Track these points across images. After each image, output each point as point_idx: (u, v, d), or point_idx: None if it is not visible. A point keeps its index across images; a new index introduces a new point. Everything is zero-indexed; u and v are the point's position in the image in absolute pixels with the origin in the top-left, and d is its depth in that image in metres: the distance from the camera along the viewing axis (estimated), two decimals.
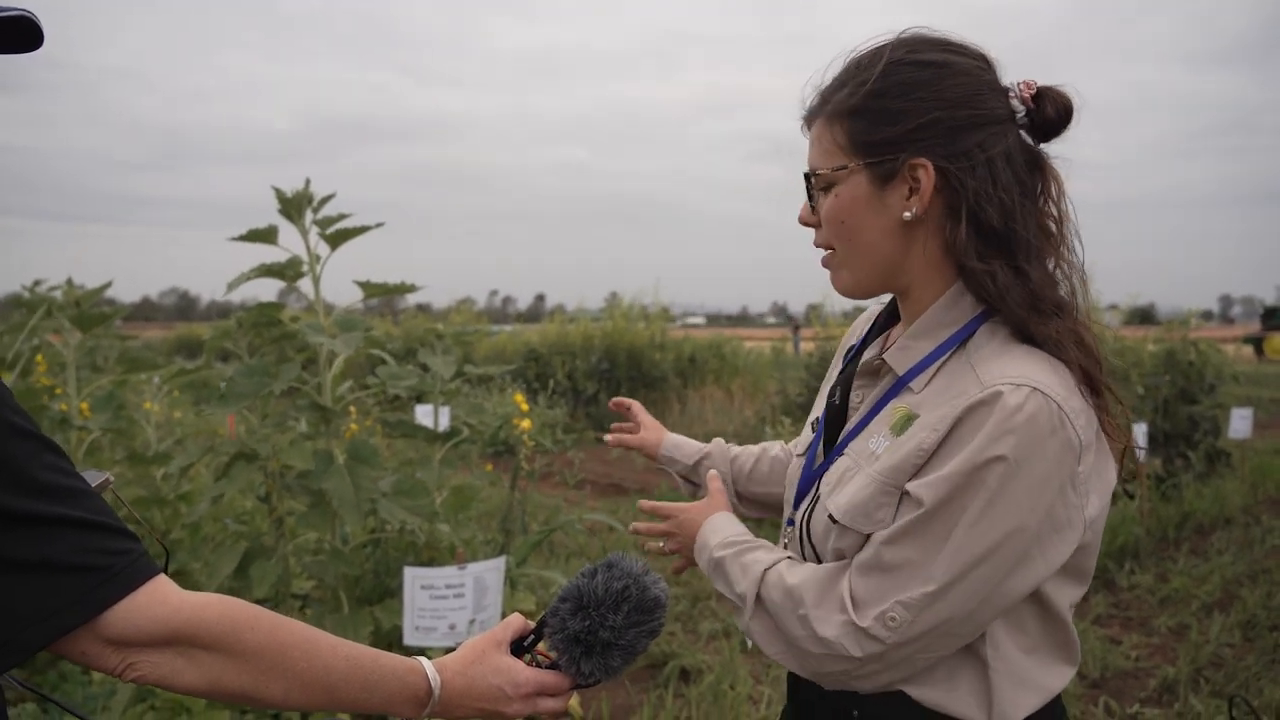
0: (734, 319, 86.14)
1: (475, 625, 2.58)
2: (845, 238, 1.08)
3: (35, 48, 0.87)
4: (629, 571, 1.01)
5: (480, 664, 0.99)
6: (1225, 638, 4.07)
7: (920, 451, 0.99)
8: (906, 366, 1.07)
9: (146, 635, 0.83)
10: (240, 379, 2.75)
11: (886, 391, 1.09)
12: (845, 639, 0.99)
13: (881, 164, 1.03)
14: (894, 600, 0.97)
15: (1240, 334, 25.10)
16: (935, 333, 1.06)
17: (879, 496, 1.01)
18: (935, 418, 0.99)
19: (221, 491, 2.85)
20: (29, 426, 0.80)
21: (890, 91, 1.03)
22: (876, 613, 0.97)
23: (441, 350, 3.37)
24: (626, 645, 0.99)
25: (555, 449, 9.19)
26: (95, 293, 3.70)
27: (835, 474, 1.11)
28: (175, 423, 6.60)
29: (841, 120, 1.05)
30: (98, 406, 3.56)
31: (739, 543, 1.17)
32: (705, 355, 13.07)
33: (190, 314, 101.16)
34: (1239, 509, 6.27)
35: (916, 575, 0.96)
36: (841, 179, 1.06)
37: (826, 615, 1.01)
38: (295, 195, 2.84)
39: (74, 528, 0.79)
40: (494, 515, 5.34)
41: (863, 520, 1.02)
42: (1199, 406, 7.20)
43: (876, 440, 1.06)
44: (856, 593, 1.00)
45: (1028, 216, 1.03)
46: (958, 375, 1.02)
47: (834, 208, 1.07)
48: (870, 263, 1.08)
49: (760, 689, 3.55)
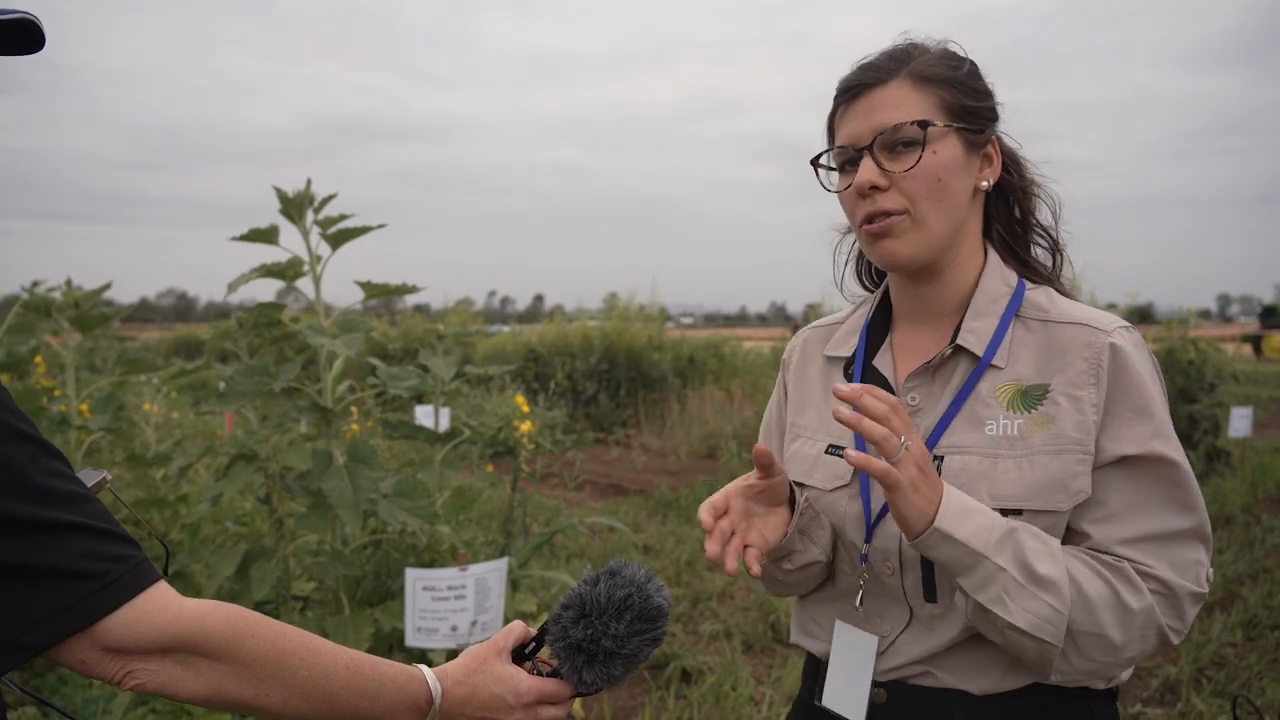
0: (732, 319, 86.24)
1: (477, 627, 2.57)
2: (936, 196, 1.07)
3: (37, 49, 0.87)
4: (632, 579, 1.00)
5: (482, 672, 0.99)
6: (1227, 637, 4.07)
7: (1094, 407, 1.03)
8: (983, 346, 1.10)
9: (146, 643, 0.82)
10: (240, 378, 2.74)
11: (968, 378, 1.09)
12: (1172, 618, 1.01)
13: (976, 132, 1.10)
14: (1203, 557, 1.03)
15: (1239, 333, 25.12)
16: (991, 307, 1.12)
17: (1073, 465, 1.02)
18: (1077, 374, 1.05)
19: (221, 492, 2.84)
20: (29, 430, 0.79)
21: (971, 74, 1.12)
22: (1197, 576, 1.02)
23: (442, 351, 3.36)
24: (629, 654, 0.98)
25: (555, 450, 9.19)
26: (94, 294, 3.69)
27: (962, 474, 1.04)
28: (174, 424, 6.60)
29: (936, 85, 1.09)
30: (97, 408, 3.55)
31: (1001, 522, 0.99)
32: (704, 355, 13.06)
33: (189, 315, 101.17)
34: (1239, 508, 6.27)
35: (1191, 526, 1.03)
36: (938, 137, 1.07)
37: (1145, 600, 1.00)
38: (297, 195, 2.83)
39: (74, 533, 0.78)
40: (495, 516, 5.33)
41: (1060, 496, 1.02)
42: (1198, 405, 7.20)
43: (999, 425, 1.05)
44: (1165, 568, 1.01)
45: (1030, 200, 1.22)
46: (1051, 334, 1.08)
47: (931, 164, 1.06)
48: (950, 225, 1.10)
49: (762, 690, 3.54)
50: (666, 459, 9.62)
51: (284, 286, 3.06)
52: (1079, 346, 1.05)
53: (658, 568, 5.23)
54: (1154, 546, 1.01)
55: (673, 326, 16.30)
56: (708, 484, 7.66)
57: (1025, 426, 1.04)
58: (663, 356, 12.30)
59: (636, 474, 8.63)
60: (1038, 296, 1.13)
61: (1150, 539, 1.02)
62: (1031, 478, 1.02)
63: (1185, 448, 6.26)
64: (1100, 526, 1.03)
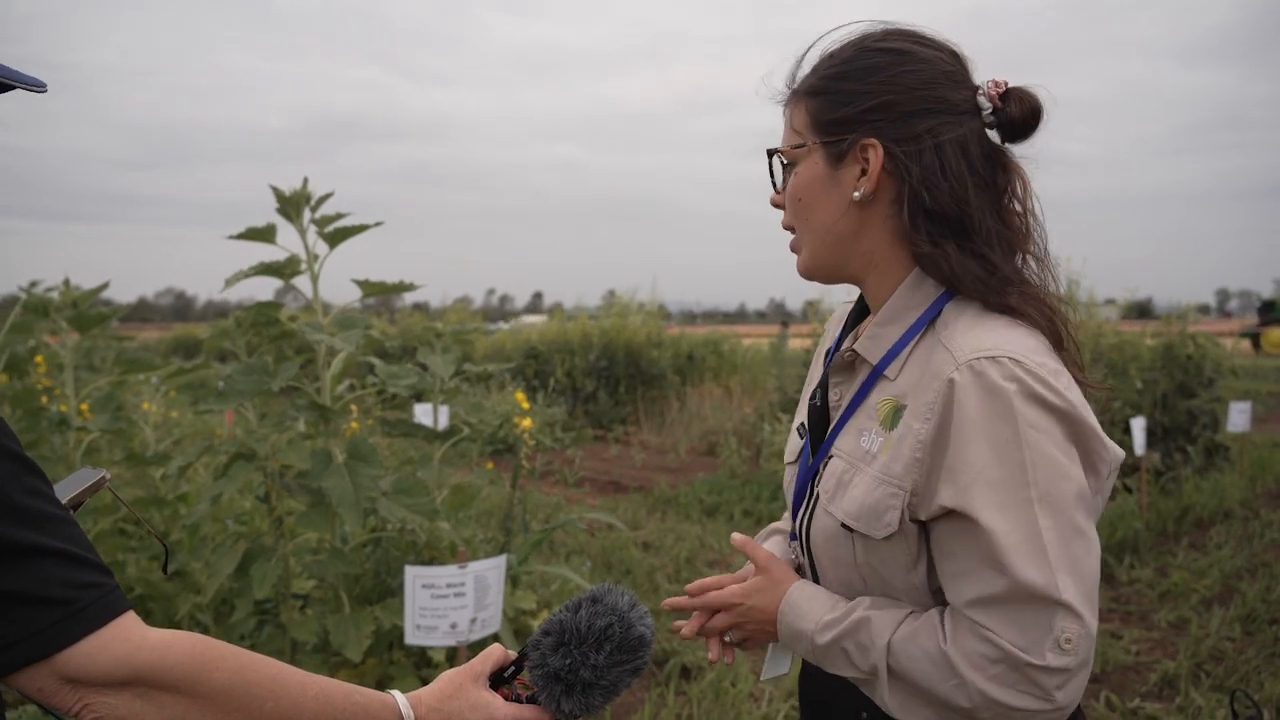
0: (731, 316, 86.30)
1: (476, 624, 2.58)
2: (802, 216, 1.11)
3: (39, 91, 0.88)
4: (614, 608, 0.98)
5: (457, 699, 0.96)
6: (1225, 631, 4.08)
7: (919, 444, 0.97)
8: (879, 354, 1.07)
9: (105, 675, 0.79)
10: (239, 377, 2.74)
11: (863, 383, 1.09)
12: (1026, 687, 0.92)
13: (836, 143, 1.06)
14: (1056, 622, 0.91)
15: (1238, 328, 25.13)
16: (903, 316, 1.06)
17: (886, 499, 1.00)
18: (922, 404, 0.99)
19: (220, 491, 2.84)
20: (13, 447, 0.77)
21: (850, 74, 1.06)
22: (1049, 644, 0.92)
23: (441, 349, 3.37)
24: (608, 685, 0.97)
25: (555, 447, 9.20)
26: (92, 293, 3.69)
27: (832, 478, 1.09)
28: (173, 423, 6.60)
29: (805, 101, 1.09)
30: (96, 407, 3.55)
31: (839, 621, 1.05)
32: (703, 352, 13.06)
33: (187, 314, 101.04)
34: (1238, 503, 6.28)
35: (1042, 586, 0.91)
36: (800, 157, 1.09)
37: (987, 675, 0.94)
38: (294, 194, 2.83)
39: (47, 557, 0.76)
40: (494, 514, 5.33)
41: (874, 524, 1.01)
42: (1197, 400, 7.21)
43: (869, 438, 1.05)
44: (1008, 635, 0.93)
45: (983, 204, 1.04)
46: (932, 355, 1.01)
47: (793, 186, 1.10)
48: (823, 242, 1.10)
49: (761, 686, 3.55)
50: (666, 456, 9.63)
51: (282, 285, 3.06)
52: (934, 374, 0.99)
53: (657, 565, 5.23)
54: (995, 610, 0.94)
55: (672, 324, 16.31)
56: (707, 481, 7.67)
57: (883, 445, 1.02)
58: (662, 354, 12.31)
59: (636, 471, 8.64)
60: (953, 311, 1.04)
61: (987, 602, 0.94)
62: (863, 499, 1.02)
63: (1184, 443, 6.15)
64: (949, 585, 0.99)
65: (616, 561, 5.17)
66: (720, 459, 8.55)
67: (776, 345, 14.31)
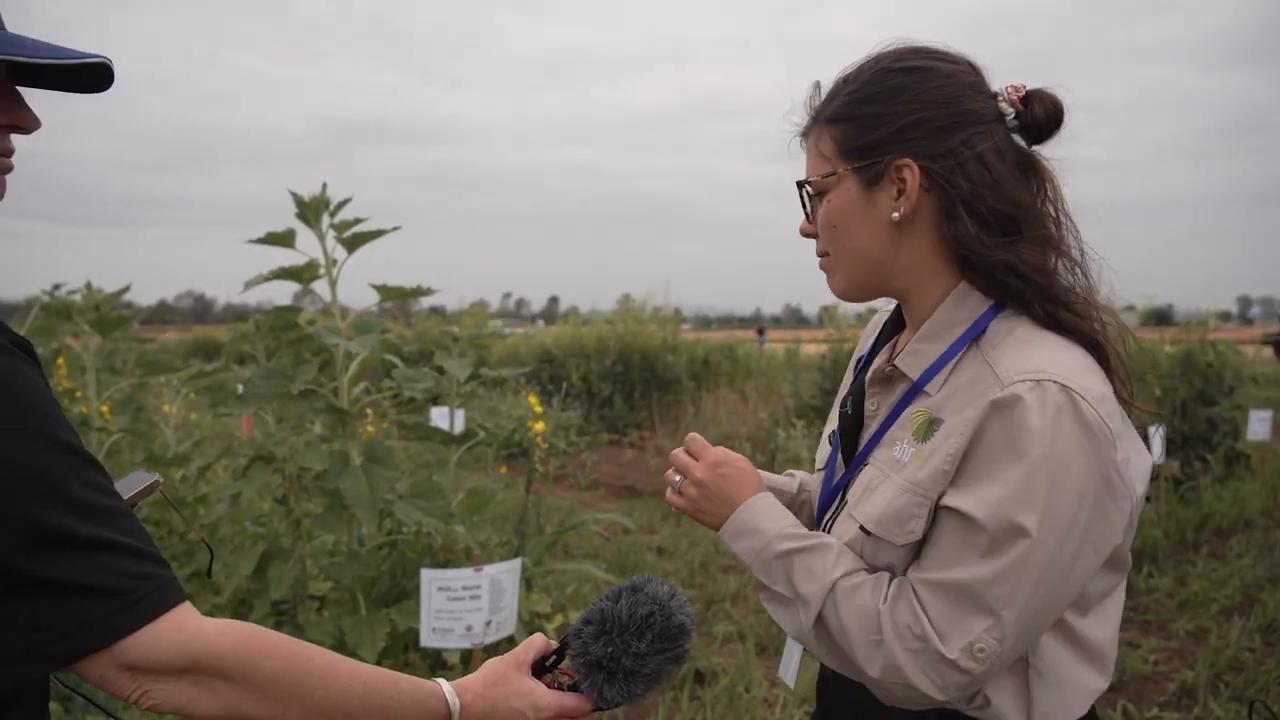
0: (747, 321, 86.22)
1: (491, 627, 2.59)
2: (837, 242, 1.11)
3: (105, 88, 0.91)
4: (654, 596, 0.99)
5: (501, 686, 0.98)
6: (1245, 642, 4.03)
7: (949, 457, 0.98)
8: (920, 370, 1.07)
9: (164, 663, 0.81)
10: (258, 381, 2.77)
11: (902, 397, 1.09)
12: (929, 670, 0.95)
13: (868, 167, 1.06)
14: (980, 630, 0.94)
15: (1259, 335, 24.84)
16: (946, 333, 1.06)
17: (911, 507, 1.00)
18: (960, 421, 0.99)
19: (239, 493, 2.87)
20: (73, 441, 0.80)
21: (875, 98, 1.06)
22: (964, 644, 0.94)
23: (457, 353, 3.39)
24: (650, 673, 0.98)
25: (570, 451, 9.21)
26: (114, 296, 3.74)
27: (861, 484, 1.10)
28: (193, 425, 6.66)
29: (830, 128, 1.09)
30: (117, 409, 3.59)
31: (801, 536, 1.08)
32: (718, 358, 13.05)
33: (206, 317, 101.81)
34: (1258, 512, 6.21)
35: (991, 596, 0.93)
36: (832, 185, 1.09)
37: (904, 645, 0.97)
38: (313, 199, 2.86)
39: (106, 549, 0.79)
40: (509, 517, 5.35)
41: (896, 530, 1.01)
42: (1217, 408, 7.13)
43: (901, 448, 1.05)
44: (936, 620, 0.96)
45: (1036, 208, 1.05)
46: (976, 373, 1.01)
47: (826, 213, 1.10)
48: (861, 265, 1.10)
49: (775, 692, 3.54)
50: None
51: (300, 289, 3.09)
52: (978, 393, 0.98)
53: (671, 569, 5.23)
54: (941, 593, 0.96)
55: (688, 328, 16.30)
56: None
57: (913, 456, 1.03)
58: (677, 358, 12.30)
59: (650, 475, 8.63)
60: (1002, 326, 1.03)
61: (938, 584, 0.97)
62: (886, 506, 1.03)
63: (1204, 451, 6.09)
64: (921, 558, 1.01)
65: (631, 565, 5.17)
66: None
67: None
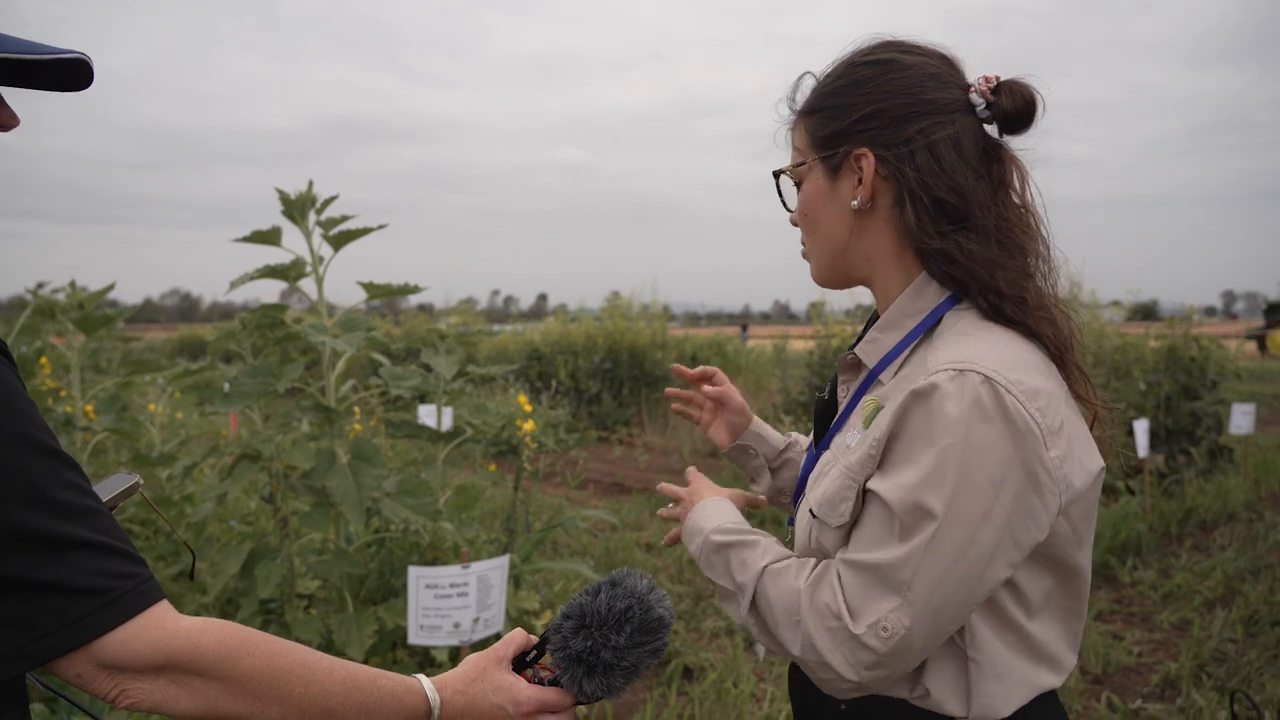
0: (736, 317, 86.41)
1: (479, 624, 2.59)
2: (808, 229, 1.17)
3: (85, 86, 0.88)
4: (633, 590, 1.00)
5: (481, 681, 0.98)
6: (1227, 633, 4.08)
7: (876, 443, 1.00)
8: (876, 359, 1.10)
9: (141, 662, 0.82)
10: (244, 379, 2.76)
11: (860, 385, 1.13)
12: (844, 649, 0.97)
13: (831, 157, 1.11)
14: (887, 610, 0.95)
15: (1243, 330, 25.05)
16: (902, 323, 1.09)
17: (844, 490, 1.03)
18: (891, 409, 1.01)
19: (226, 491, 2.86)
20: (51, 443, 0.80)
21: (840, 90, 1.11)
22: (871, 621, 0.96)
23: (444, 351, 3.38)
24: (629, 666, 0.99)
25: (558, 449, 9.21)
26: (98, 295, 3.72)
27: (818, 469, 1.14)
28: (179, 424, 6.63)
29: (804, 120, 1.15)
30: (102, 408, 3.57)
31: (736, 532, 1.14)
32: (707, 354, 13.08)
33: (192, 315, 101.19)
34: (1241, 505, 6.27)
35: (899, 578, 0.95)
36: (803, 175, 1.15)
37: (823, 623, 0.99)
38: (299, 197, 2.85)
39: (85, 549, 0.79)
40: (497, 515, 5.35)
41: (830, 513, 1.04)
42: (1201, 402, 7.20)
43: (852, 434, 1.08)
44: (850, 599, 0.98)
45: (983, 194, 1.05)
46: (917, 363, 1.04)
47: (800, 201, 1.16)
48: (828, 252, 1.15)
49: (763, 687, 3.56)
50: (670, 458, 9.64)
51: (287, 287, 3.08)
52: (910, 382, 1.00)
53: (660, 566, 5.25)
54: (859, 573, 0.98)
55: (677, 325, 16.30)
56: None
57: (859, 442, 1.05)
58: (666, 355, 12.32)
59: (640, 473, 8.65)
60: (951, 319, 1.06)
61: (859, 564, 0.98)
62: (826, 489, 1.06)
63: (1187, 445, 6.15)
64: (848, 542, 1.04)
65: (619, 562, 5.18)
66: (724, 461, 8.56)
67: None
